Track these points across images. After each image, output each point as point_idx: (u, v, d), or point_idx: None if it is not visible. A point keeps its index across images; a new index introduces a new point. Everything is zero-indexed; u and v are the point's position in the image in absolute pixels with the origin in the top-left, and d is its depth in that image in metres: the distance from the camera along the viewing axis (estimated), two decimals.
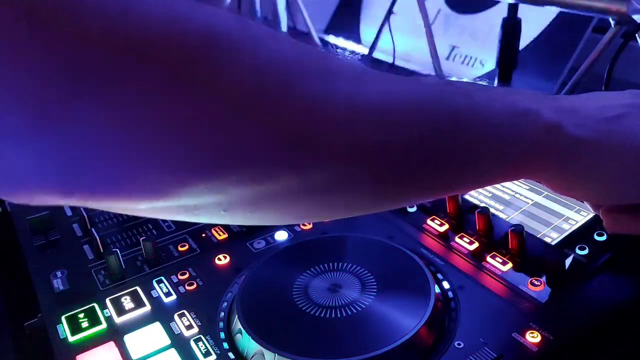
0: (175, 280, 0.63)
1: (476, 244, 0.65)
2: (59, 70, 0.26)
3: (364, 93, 0.35)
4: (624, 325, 0.56)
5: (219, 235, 0.71)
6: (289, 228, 0.71)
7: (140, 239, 0.68)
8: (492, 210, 0.69)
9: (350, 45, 1.60)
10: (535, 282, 0.59)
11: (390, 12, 1.28)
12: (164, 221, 0.74)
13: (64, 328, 0.57)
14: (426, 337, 0.52)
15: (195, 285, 0.62)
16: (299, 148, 0.33)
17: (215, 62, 0.30)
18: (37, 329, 0.58)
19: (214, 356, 0.53)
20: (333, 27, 1.74)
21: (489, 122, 0.40)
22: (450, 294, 0.58)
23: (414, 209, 0.73)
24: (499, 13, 1.23)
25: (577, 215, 0.67)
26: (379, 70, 0.38)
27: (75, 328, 0.57)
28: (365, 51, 1.41)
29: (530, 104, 0.42)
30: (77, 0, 0.26)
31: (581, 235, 0.64)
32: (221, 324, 0.57)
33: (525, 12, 0.99)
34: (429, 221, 0.70)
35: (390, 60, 1.37)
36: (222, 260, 0.66)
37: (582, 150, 0.42)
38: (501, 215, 0.69)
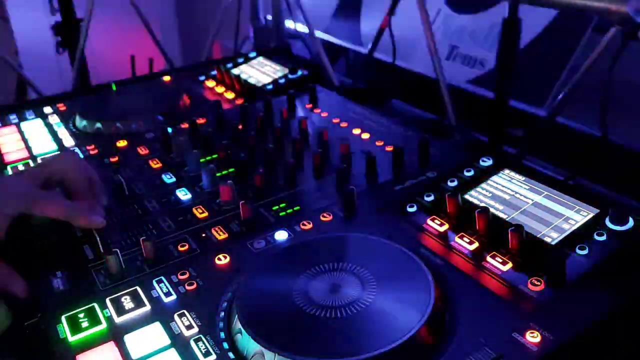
0: (175, 280, 0.63)
1: (476, 244, 0.65)
2: None
3: None
4: (624, 325, 0.56)
5: (219, 235, 0.71)
6: (289, 228, 0.71)
7: (140, 239, 0.68)
8: (492, 210, 0.69)
9: (350, 45, 1.60)
10: (535, 282, 0.59)
11: (390, 12, 1.29)
12: (164, 221, 0.74)
13: (64, 328, 0.57)
14: (426, 337, 0.52)
15: (195, 285, 0.62)
16: None
17: None
18: (37, 329, 0.58)
19: (214, 356, 0.53)
20: (333, 27, 1.74)
21: None
22: (450, 293, 0.58)
23: (414, 209, 0.73)
24: (499, 13, 1.23)
25: (577, 215, 0.67)
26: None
27: (75, 328, 0.57)
28: (365, 51, 1.41)
29: None
30: None
31: (581, 235, 0.64)
32: (221, 324, 0.57)
33: (526, 12, 0.99)
34: (429, 221, 0.70)
35: (390, 60, 1.37)
36: (222, 260, 0.66)
37: None
38: (501, 215, 0.69)
